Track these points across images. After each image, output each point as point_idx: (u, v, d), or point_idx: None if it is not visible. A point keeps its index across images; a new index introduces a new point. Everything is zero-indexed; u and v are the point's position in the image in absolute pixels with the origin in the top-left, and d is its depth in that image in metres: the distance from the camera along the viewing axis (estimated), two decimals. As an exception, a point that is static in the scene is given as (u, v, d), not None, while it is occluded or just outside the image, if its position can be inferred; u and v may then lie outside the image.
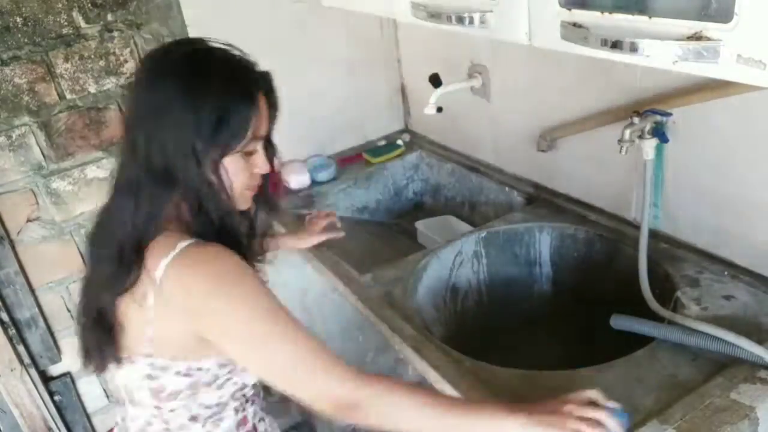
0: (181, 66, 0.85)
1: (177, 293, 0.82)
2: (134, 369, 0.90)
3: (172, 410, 0.92)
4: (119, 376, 0.94)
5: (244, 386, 0.97)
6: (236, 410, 0.98)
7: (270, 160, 0.94)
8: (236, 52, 0.89)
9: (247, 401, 1.00)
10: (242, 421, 1.00)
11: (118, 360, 0.91)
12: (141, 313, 0.85)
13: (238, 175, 0.88)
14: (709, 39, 0.66)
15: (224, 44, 0.89)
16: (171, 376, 0.89)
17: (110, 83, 1.59)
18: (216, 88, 0.84)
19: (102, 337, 0.90)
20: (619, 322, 1.09)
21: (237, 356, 0.86)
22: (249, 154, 0.89)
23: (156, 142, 0.84)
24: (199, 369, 0.89)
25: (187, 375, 0.89)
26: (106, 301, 0.88)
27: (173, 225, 0.87)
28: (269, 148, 0.94)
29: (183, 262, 0.81)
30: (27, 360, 1.63)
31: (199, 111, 0.82)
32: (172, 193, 0.85)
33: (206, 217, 0.86)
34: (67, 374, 1.74)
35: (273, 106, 0.92)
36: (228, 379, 0.93)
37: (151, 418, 0.95)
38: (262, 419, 1.06)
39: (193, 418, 0.94)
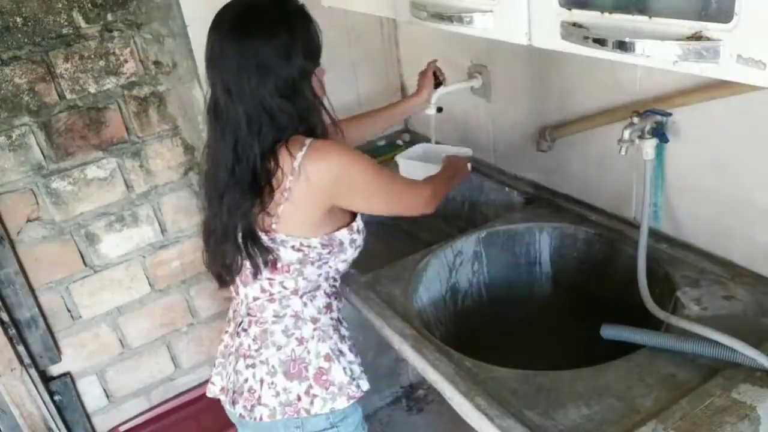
0: (256, 17, 1.07)
1: (318, 171, 1.06)
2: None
3: (281, 282, 1.15)
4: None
5: (336, 272, 1.22)
6: (326, 294, 1.22)
7: None
8: None
9: (334, 293, 1.24)
10: (328, 306, 1.22)
11: (266, 260, 1.12)
12: (271, 198, 1.07)
13: (322, 85, 1.16)
14: (709, 39, 0.65)
15: None
16: (287, 250, 1.12)
17: (110, 83, 1.59)
18: (293, 23, 1.07)
19: (248, 250, 1.11)
20: (610, 332, 1.08)
21: (366, 205, 1.18)
22: (319, 66, 1.15)
23: (266, 86, 1.05)
24: (309, 246, 1.12)
25: (299, 250, 1.12)
26: (250, 214, 1.08)
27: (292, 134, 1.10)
28: None
29: (318, 149, 1.07)
30: (27, 360, 1.63)
31: (293, 45, 1.06)
32: (288, 121, 1.08)
33: (314, 126, 1.12)
34: (67, 374, 1.74)
35: None
36: (326, 262, 1.16)
37: (260, 293, 1.18)
38: (344, 318, 1.27)
39: (295, 291, 1.17)
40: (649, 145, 1.17)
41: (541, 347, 1.29)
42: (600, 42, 0.76)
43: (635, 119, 1.15)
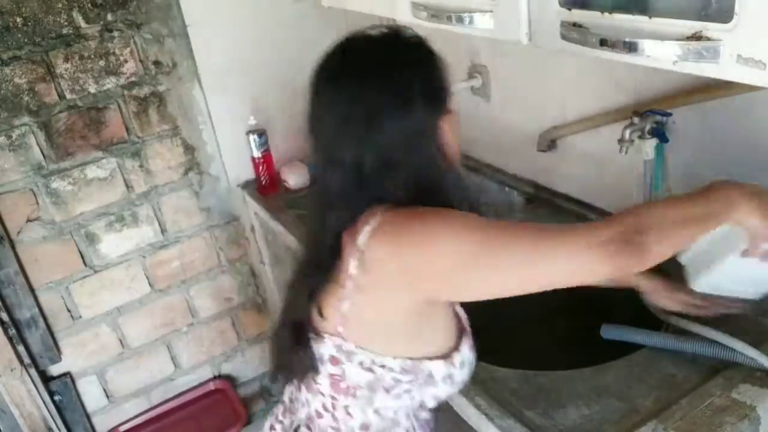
0: (368, 64, 0.82)
1: (385, 257, 0.77)
2: (320, 346, 0.86)
3: (346, 407, 0.89)
4: None
5: (421, 404, 0.92)
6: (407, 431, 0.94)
7: None
8: (392, 28, 0.85)
9: (422, 426, 0.97)
10: None
11: (315, 367, 0.88)
12: (338, 288, 0.82)
13: (454, 133, 0.84)
14: (709, 39, 0.65)
15: (378, 27, 0.85)
16: (354, 366, 0.85)
17: (110, 83, 1.59)
18: (411, 68, 0.81)
19: (298, 346, 0.88)
20: (610, 332, 1.08)
21: (484, 290, 0.79)
22: (449, 112, 0.84)
23: (372, 145, 0.79)
24: (383, 366, 0.84)
25: (369, 369, 0.84)
26: (305, 305, 0.86)
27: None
28: None
29: (391, 224, 0.77)
30: (27, 360, 1.63)
31: (412, 95, 0.79)
32: (391, 187, 0.80)
33: (432, 188, 0.82)
34: (67, 374, 1.74)
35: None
36: (407, 391, 0.87)
37: (323, 411, 0.92)
38: None
39: (364, 426, 0.90)
40: (649, 145, 1.17)
41: (541, 347, 1.29)
42: (600, 42, 0.76)
43: (635, 119, 1.15)
